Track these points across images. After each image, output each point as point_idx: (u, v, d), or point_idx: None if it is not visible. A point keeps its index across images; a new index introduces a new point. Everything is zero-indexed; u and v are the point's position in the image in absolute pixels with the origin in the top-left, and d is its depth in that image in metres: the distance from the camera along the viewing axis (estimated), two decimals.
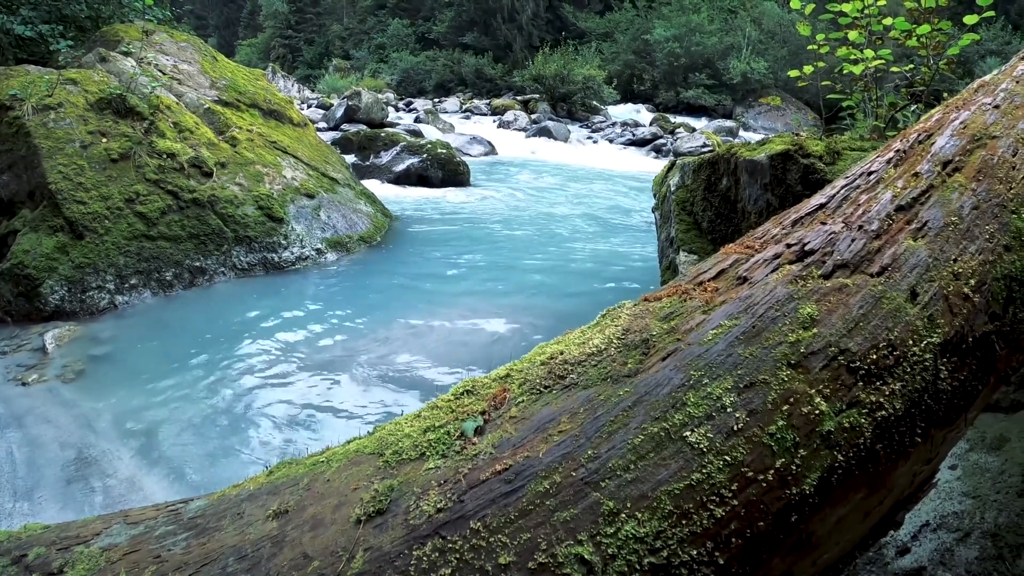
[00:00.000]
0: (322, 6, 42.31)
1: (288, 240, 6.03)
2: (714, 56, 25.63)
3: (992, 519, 1.79)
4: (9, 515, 2.75)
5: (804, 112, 21.78)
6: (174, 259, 5.30)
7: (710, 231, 3.85)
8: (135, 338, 4.50)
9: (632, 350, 1.15)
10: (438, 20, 35.32)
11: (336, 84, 27.10)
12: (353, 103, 15.30)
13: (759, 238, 1.36)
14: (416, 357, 4.25)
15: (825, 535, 1.07)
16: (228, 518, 1.10)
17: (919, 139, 1.49)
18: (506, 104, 22.86)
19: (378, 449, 1.14)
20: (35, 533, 1.18)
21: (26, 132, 5.06)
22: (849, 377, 1.07)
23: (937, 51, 3.52)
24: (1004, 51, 20.10)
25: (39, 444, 3.24)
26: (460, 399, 1.19)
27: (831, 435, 1.03)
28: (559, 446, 1.02)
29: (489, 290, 5.58)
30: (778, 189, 3.25)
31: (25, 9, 6.70)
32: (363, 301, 5.29)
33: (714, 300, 1.20)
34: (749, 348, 1.09)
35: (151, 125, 5.64)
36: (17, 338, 4.39)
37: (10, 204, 5.18)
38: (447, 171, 10.38)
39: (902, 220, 1.28)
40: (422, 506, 0.99)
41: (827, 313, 1.13)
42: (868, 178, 1.41)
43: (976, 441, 2.06)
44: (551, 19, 33.71)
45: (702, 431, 1.01)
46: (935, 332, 1.14)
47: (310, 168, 6.98)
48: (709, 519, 0.96)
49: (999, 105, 1.55)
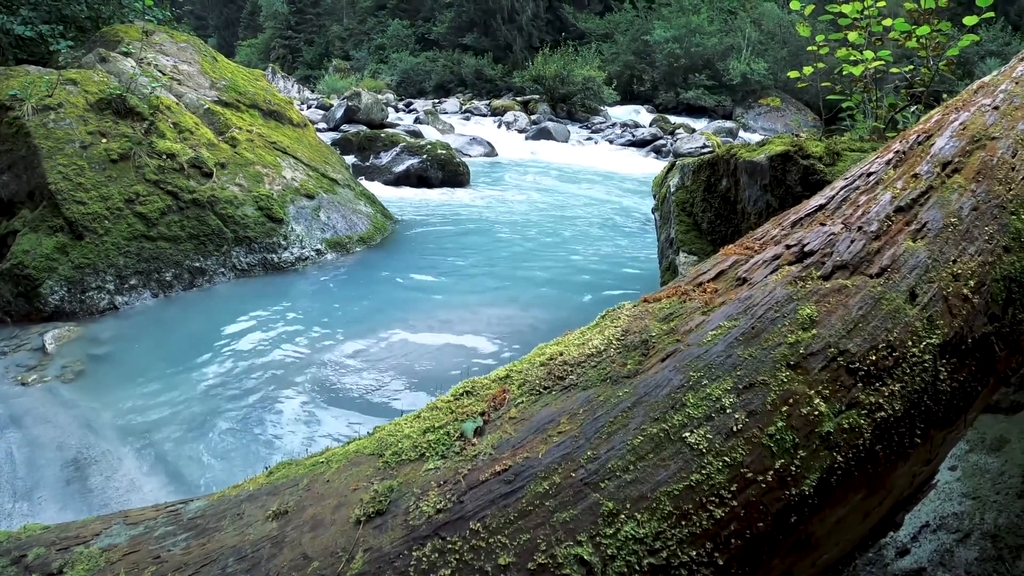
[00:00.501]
0: (322, 7, 42.32)
1: (288, 241, 6.03)
2: (714, 57, 25.63)
3: (992, 520, 1.79)
4: (9, 515, 2.75)
5: (804, 113, 21.79)
6: (174, 260, 5.30)
7: (710, 232, 3.85)
8: (135, 339, 4.50)
9: (631, 351, 1.15)
10: (438, 21, 35.32)
11: (336, 85, 27.13)
12: (353, 104, 15.32)
13: (759, 239, 1.36)
14: (416, 358, 4.25)
15: (824, 536, 1.07)
16: (228, 519, 1.10)
17: (918, 140, 1.49)
18: (506, 105, 22.87)
19: (378, 450, 1.14)
20: (35, 533, 1.18)
21: (26, 132, 5.06)
22: (848, 378, 1.07)
23: (937, 52, 3.52)
24: (1004, 52, 20.10)
25: (39, 444, 3.24)
26: (460, 400, 1.19)
27: (830, 436, 1.03)
28: (559, 447, 1.03)
29: (489, 291, 5.58)
30: (778, 190, 3.26)
31: (25, 9, 6.70)
32: (363, 302, 5.29)
33: (713, 301, 1.20)
34: (748, 349, 1.09)
35: (151, 125, 5.64)
36: (17, 338, 4.39)
37: (10, 204, 5.18)
38: (447, 172, 10.38)
39: (901, 221, 1.28)
40: (422, 507, 0.99)
41: (826, 314, 1.13)
42: (867, 179, 1.41)
43: (976, 442, 2.06)
44: (551, 20, 33.71)
45: (701, 432, 1.01)
46: (934, 333, 1.14)
47: (310, 169, 6.98)
48: (708, 520, 0.96)
49: (998, 106, 1.55)
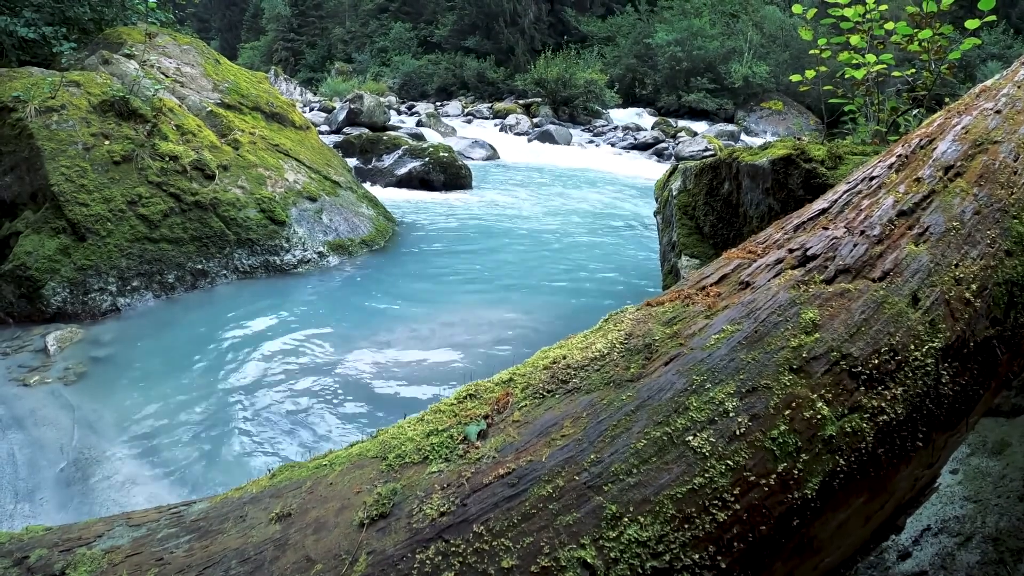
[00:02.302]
0: (324, 9, 42.41)
1: (290, 243, 6.04)
2: (716, 60, 25.66)
3: (993, 523, 1.78)
4: (11, 516, 2.75)
5: (806, 116, 21.78)
6: (176, 261, 5.31)
7: (712, 235, 3.85)
8: (137, 340, 4.50)
9: (635, 355, 1.15)
10: (440, 24, 35.39)
11: (338, 87, 27.19)
12: (355, 106, 15.35)
13: (761, 243, 1.36)
14: (419, 361, 4.25)
15: (827, 539, 1.07)
16: (231, 521, 1.10)
17: (921, 144, 1.49)
18: (508, 108, 22.92)
19: (381, 452, 1.14)
20: (37, 535, 1.18)
21: (29, 134, 5.07)
22: (851, 382, 1.07)
23: (939, 55, 3.52)
24: (1006, 55, 20.11)
25: (41, 445, 3.24)
26: (463, 403, 1.19)
27: (833, 439, 1.03)
28: (562, 450, 1.03)
29: (491, 294, 5.58)
30: (780, 193, 3.26)
31: (28, 11, 6.72)
32: (365, 304, 5.29)
33: (716, 305, 1.20)
34: (751, 353, 1.09)
35: (154, 127, 5.65)
36: (19, 339, 4.40)
37: (12, 206, 5.19)
38: (449, 175, 10.40)
39: (904, 225, 1.28)
40: (425, 510, 0.99)
41: (829, 318, 1.13)
42: (870, 183, 1.41)
43: (977, 445, 2.06)
44: (553, 23, 33.77)
45: (704, 435, 1.01)
46: (937, 337, 1.14)
47: (312, 171, 6.99)
48: (711, 523, 0.96)
49: (1001, 110, 1.55)
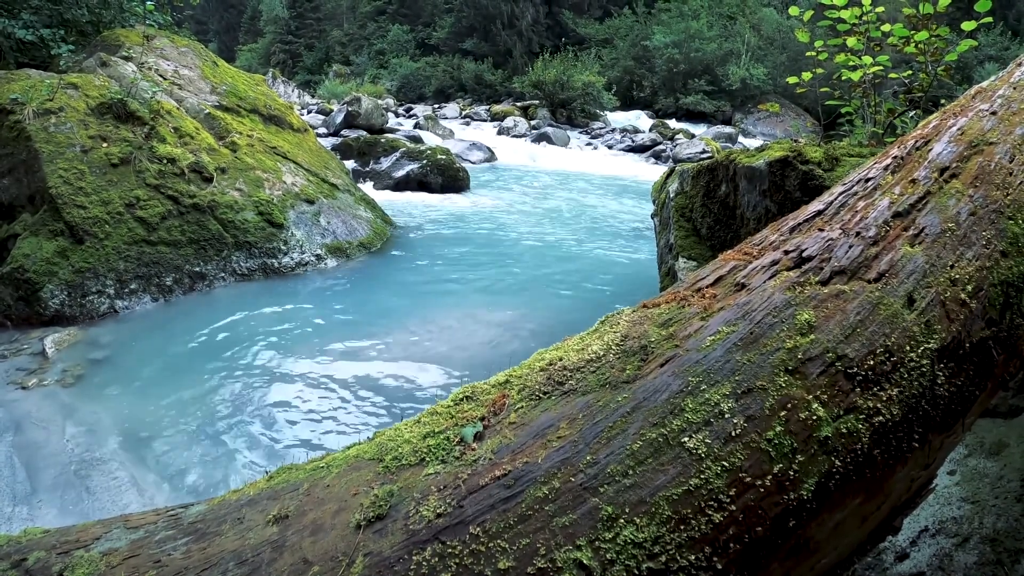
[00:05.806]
0: (322, 12, 42.45)
1: (288, 246, 6.04)
2: (713, 62, 25.71)
3: (991, 524, 1.79)
4: (9, 519, 2.75)
5: (803, 118, 21.83)
6: (174, 264, 5.30)
7: (709, 237, 3.85)
8: (135, 343, 4.50)
9: (631, 356, 1.15)
10: (438, 26, 35.44)
11: (336, 90, 27.21)
12: (353, 109, 15.34)
13: (757, 244, 1.36)
14: (416, 363, 4.25)
15: (823, 540, 1.07)
16: (228, 523, 1.10)
17: (916, 145, 1.50)
18: (506, 110, 22.91)
19: (378, 455, 1.14)
20: (35, 537, 1.18)
21: (27, 136, 5.07)
22: (846, 383, 1.08)
23: (935, 57, 3.53)
24: (1002, 57, 20.19)
25: (39, 448, 3.24)
26: (460, 405, 1.19)
27: (828, 441, 1.03)
28: (558, 452, 1.03)
29: (488, 296, 5.58)
30: (777, 195, 3.26)
31: (26, 13, 6.72)
32: (363, 307, 5.29)
33: (712, 306, 1.20)
34: (747, 354, 1.09)
35: (151, 130, 5.65)
36: (17, 342, 4.39)
37: (10, 208, 5.19)
38: (447, 177, 10.40)
39: (899, 226, 1.28)
40: (422, 511, 1.00)
41: (824, 319, 1.13)
42: (866, 184, 1.42)
43: (974, 446, 2.06)
44: (551, 25, 33.82)
45: (700, 437, 1.01)
46: (932, 338, 1.15)
47: (310, 174, 6.99)
48: (707, 524, 0.96)
49: (996, 111, 1.56)
